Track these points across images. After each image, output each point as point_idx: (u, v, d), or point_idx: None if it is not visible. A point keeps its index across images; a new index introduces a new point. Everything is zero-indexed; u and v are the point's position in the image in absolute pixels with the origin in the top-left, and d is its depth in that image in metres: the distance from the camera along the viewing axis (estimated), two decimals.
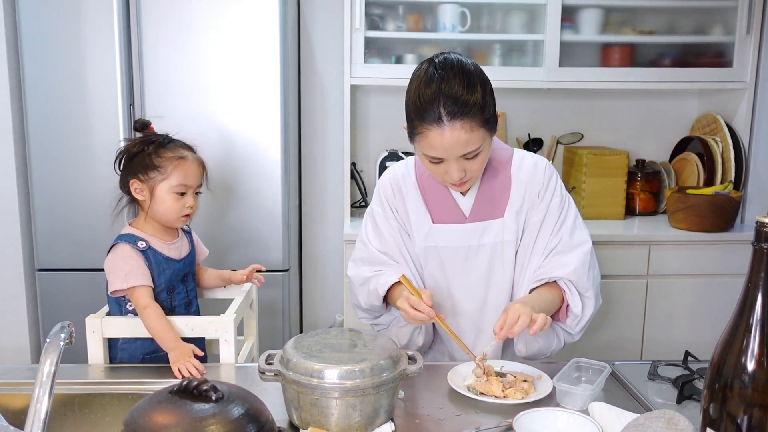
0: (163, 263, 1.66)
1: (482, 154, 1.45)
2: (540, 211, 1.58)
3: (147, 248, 1.64)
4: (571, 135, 3.10)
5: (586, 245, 1.58)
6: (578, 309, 1.55)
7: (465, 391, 1.33)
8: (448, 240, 1.58)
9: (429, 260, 1.61)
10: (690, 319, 2.70)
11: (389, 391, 1.19)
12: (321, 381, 1.14)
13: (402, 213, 1.62)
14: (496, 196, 1.58)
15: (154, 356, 1.63)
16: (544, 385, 1.35)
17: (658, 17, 2.87)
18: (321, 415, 1.16)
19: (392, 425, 1.21)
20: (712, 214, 2.66)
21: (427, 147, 1.43)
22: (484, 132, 1.43)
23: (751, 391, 0.84)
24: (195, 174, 1.68)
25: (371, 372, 1.16)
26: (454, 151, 1.41)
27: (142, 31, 2.40)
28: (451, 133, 1.39)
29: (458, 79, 1.40)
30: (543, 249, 1.57)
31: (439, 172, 1.48)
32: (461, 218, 1.59)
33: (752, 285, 0.85)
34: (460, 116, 1.38)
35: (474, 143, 1.41)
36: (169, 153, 1.65)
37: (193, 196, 1.69)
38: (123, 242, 1.63)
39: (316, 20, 3.00)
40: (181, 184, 1.65)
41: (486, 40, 2.84)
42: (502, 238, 1.57)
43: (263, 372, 1.20)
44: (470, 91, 1.40)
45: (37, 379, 0.93)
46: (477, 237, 1.57)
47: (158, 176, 1.64)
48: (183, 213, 1.67)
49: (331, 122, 3.06)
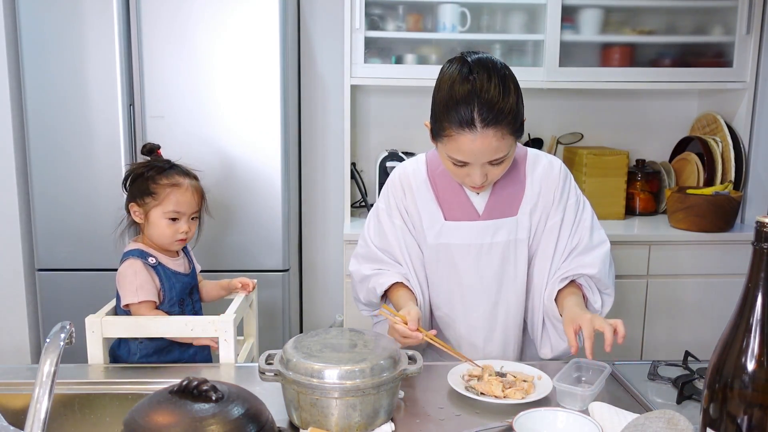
0: (173, 277, 1.72)
1: (507, 159, 1.44)
2: (558, 213, 1.57)
3: (157, 264, 1.71)
4: (571, 135, 3.10)
5: (605, 245, 1.59)
6: (598, 305, 1.57)
7: (465, 390, 1.33)
8: (461, 237, 1.56)
9: (440, 258, 1.59)
10: (690, 319, 2.70)
11: (389, 391, 1.19)
12: (321, 381, 1.14)
13: (413, 211, 1.60)
14: (511, 194, 1.57)
15: (167, 348, 1.70)
16: (544, 385, 1.35)
17: (658, 17, 2.87)
18: (321, 415, 1.15)
19: (392, 425, 1.21)
20: (712, 214, 2.66)
21: (455, 151, 1.40)
22: (513, 139, 1.41)
23: (751, 391, 0.84)
24: (188, 201, 1.74)
25: (371, 372, 1.16)
26: (483, 158, 1.39)
27: (142, 31, 2.40)
28: (483, 140, 1.36)
29: (494, 84, 1.36)
30: (563, 250, 1.57)
31: (460, 174, 1.46)
32: (474, 216, 1.57)
33: (752, 285, 0.85)
34: (494, 124, 1.35)
35: (503, 150, 1.40)
36: (165, 180, 1.72)
37: (187, 222, 1.74)
38: (134, 257, 1.69)
39: (316, 20, 3.00)
40: (173, 211, 1.71)
41: (486, 40, 2.84)
42: (516, 236, 1.56)
43: (263, 372, 1.20)
44: (505, 98, 1.36)
45: (37, 379, 0.93)
46: (490, 235, 1.56)
47: (152, 202, 1.71)
48: (176, 238, 1.73)
49: (331, 122, 3.06)
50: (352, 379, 1.14)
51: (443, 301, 1.62)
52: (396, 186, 1.62)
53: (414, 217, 1.60)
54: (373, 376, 1.16)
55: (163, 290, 1.71)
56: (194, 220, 1.79)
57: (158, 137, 2.40)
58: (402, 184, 1.61)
